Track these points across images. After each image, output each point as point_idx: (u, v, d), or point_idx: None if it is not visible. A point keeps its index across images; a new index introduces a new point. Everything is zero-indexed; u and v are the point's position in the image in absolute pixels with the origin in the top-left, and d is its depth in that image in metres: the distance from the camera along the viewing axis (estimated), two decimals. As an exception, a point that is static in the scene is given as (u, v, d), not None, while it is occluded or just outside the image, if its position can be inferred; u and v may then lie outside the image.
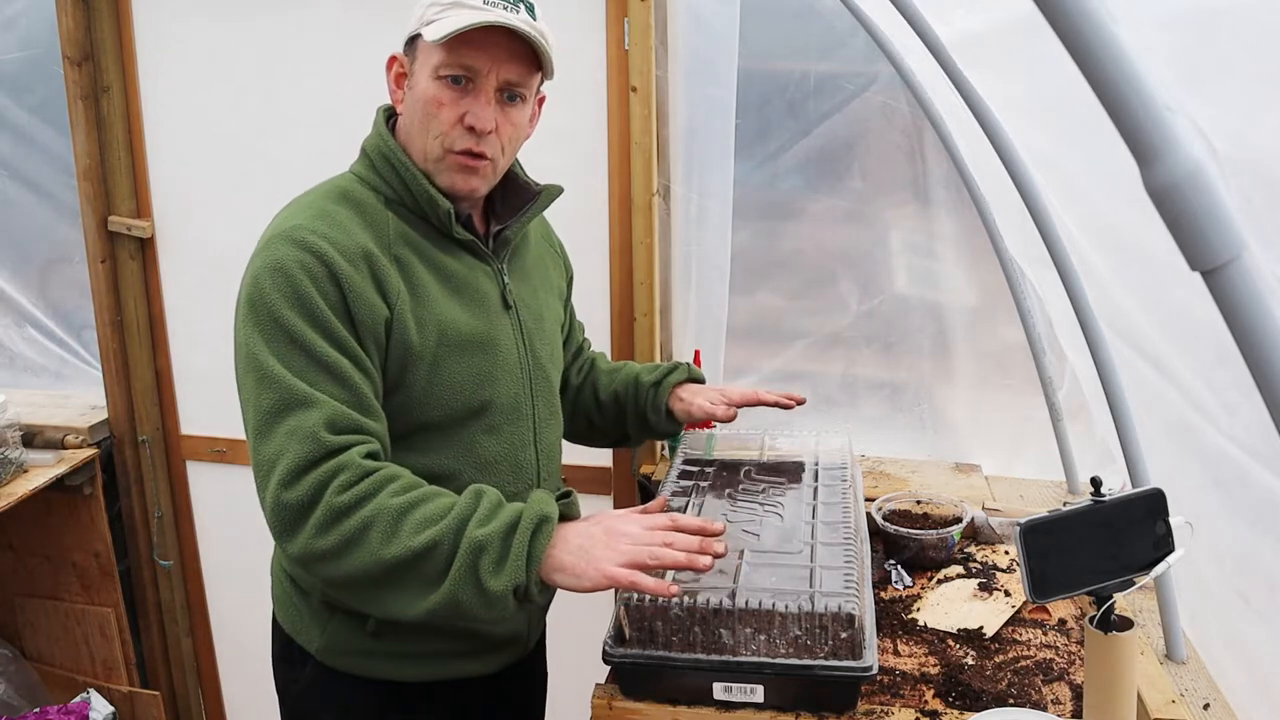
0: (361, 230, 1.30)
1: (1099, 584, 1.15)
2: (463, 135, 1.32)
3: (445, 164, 1.35)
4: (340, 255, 1.25)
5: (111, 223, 2.43)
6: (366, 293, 1.26)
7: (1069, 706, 1.38)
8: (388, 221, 1.34)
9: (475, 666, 1.48)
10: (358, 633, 1.42)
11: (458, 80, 1.31)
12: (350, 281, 1.25)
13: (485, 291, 1.41)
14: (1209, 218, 0.57)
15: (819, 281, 2.23)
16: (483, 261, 1.43)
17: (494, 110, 1.32)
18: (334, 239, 1.26)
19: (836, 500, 1.56)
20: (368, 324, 1.26)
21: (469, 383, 1.37)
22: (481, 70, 1.31)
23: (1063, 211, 1.56)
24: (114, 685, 2.57)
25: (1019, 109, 1.55)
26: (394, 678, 1.44)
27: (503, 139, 1.35)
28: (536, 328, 1.49)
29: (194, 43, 2.34)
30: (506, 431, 1.42)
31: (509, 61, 1.31)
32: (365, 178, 1.38)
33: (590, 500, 2.33)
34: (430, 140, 1.34)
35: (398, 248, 1.33)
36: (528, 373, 1.46)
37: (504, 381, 1.41)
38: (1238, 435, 1.30)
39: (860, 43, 2.02)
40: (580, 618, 1.84)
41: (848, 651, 1.25)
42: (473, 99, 1.32)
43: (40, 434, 2.42)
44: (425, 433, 1.36)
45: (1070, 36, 0.57)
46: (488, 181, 1.39)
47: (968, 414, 2.22)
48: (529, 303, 1.49)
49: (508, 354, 1.42)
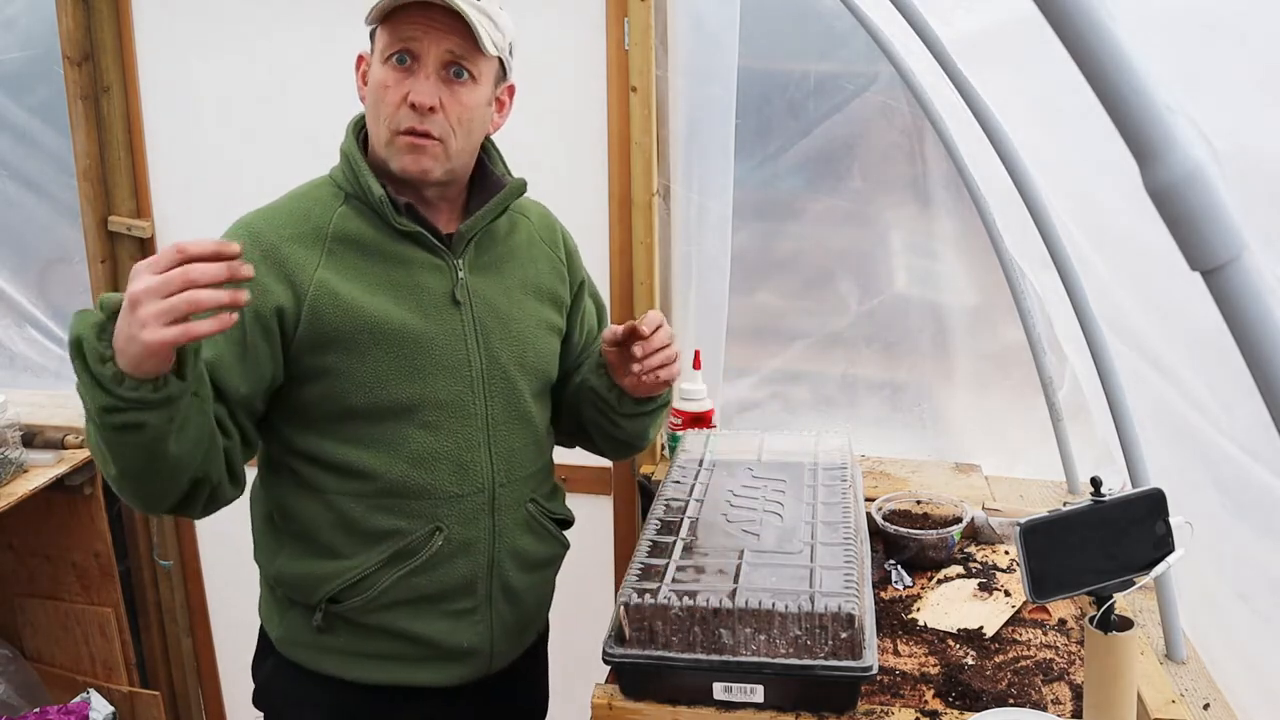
0: (295, 223, 1.37)
1: (1099, 584, 1.15)
2: (407, 114, 1.33)
3: (394, 146, 1.36)
4: (252, 243, 1.33)
5: (111, 223, 2.43)
6: (264, 279, 1.32)
7: (1069, 706, 1.38)
8: (332, 214, 1.39)
9: (429, 675, 1.46)
10: (308, 624, 1.43)
11: (401, 60, 1.33)
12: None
13: (427, 286, 1.40)
14: (1209, 218, 0.58)
15: (819, 281, 2.23)
16: (434, 255, 1.41)
17: (436, 87, 1.33)
18: (256, 229, 1.36)
19: (836, 500, 1.56)
20: (255, 306, 1.30)
21: (394, 375, 1.37)
22: (420, 48, 1.32)
23: (1063, 211, 1.56)
24: (114, 685, 2.57)
25: (1019, 109, 1.55)
26: (345, 676, 1.45)
27: (450, 118, 1.35)
28: (498, 327, 1.45)
29: (194, 43, 2.34)
30: (449, 430, 1.41)
31: (446, 36, 1.32)
32: (334, 175, 1.44)
33: (591, 500, 2.33)
34: (380, 125, 1.36)
35: (335, 239, 1.37)
36: (479, 372, 1.43)
37: (440, 377, 1.39)
38: (1238, 435, 1.30)
39: (860, 43, 2.02)
40: (580, 618, 1.84)
41: (848, 651, 1.25)
42: (414, 78, 1.33)
43: (40, 434, 2.42)
44: (353, 421, 1.38)
45: (1070, 36, 0.57)
46: (439, 163, 1.37)
47: (968, 414, 2.22)
48: (493, 302, 1.45)
49: (448, 350, 1.40)
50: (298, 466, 1.41)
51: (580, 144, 2.18)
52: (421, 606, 1.43)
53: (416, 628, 1.43)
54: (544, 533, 1.55)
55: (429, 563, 1.41)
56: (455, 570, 1.43)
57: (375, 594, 1.40)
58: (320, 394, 1.37)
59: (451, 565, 1.43)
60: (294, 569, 1.43)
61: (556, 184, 1.75)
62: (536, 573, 1.55)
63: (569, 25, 2.13)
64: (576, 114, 2.16)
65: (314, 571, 1.41)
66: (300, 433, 1.40)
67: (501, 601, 1.48)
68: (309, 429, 1.39)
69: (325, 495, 1.40)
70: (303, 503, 1.41)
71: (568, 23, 2.13)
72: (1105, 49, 0.57)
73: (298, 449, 1.40)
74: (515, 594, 1.50)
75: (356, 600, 1.41)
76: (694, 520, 1.51)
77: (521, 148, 1.57)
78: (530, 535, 1.51)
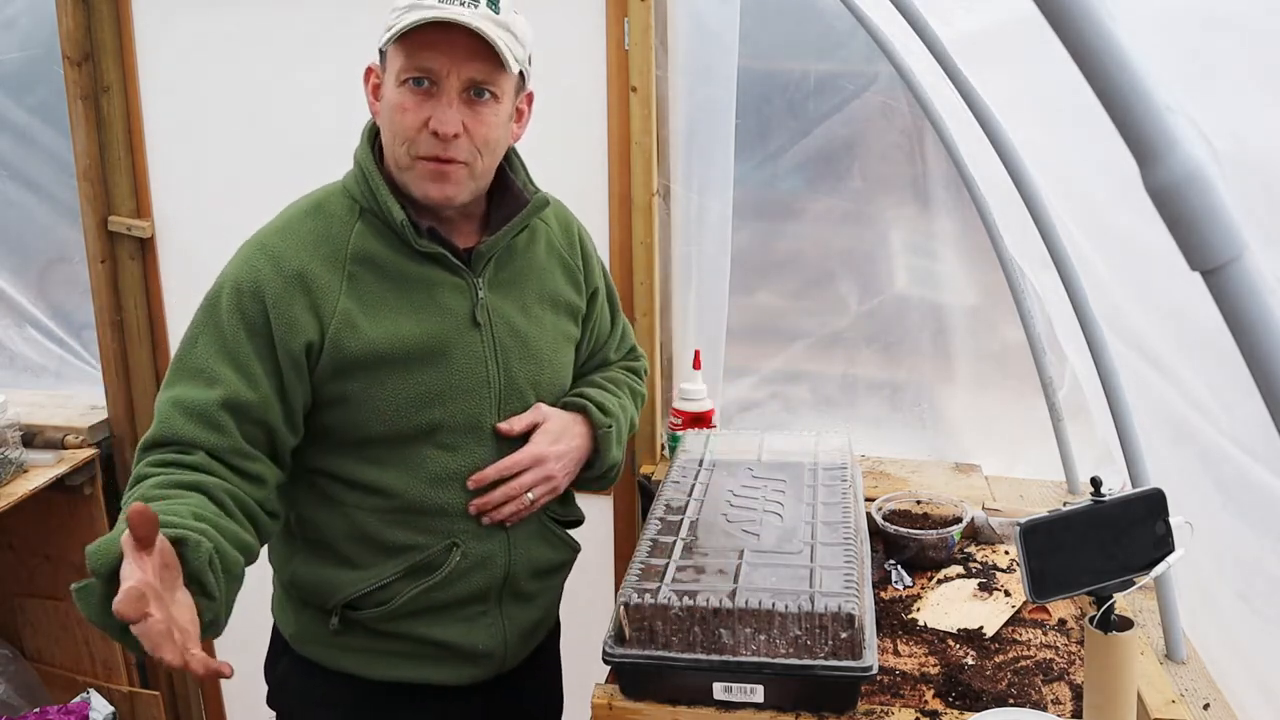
0: (315, 246, 1.34)
1: (1099, 584, 1.15)
2: (428, 141, 1.29)
3: (415, 172, 1.32)
4: (276, 273, 1.31)
5: (111, 223, 2.43)
6: (292, 311, 1.30)
7: (1069, 706, 1.38)
8: (350, 235, 1.35)
9: (444, 674, 1.46)
10: (324, 625, 1.43)
11: (420, 83, 1.28)
12: (277, 301, 1.30)
13: (449, 307, 1.38)
14: (1209, 218, 0.57)
15: (819, 281, 2.22)
16: (454, 275, 1.39)
17: (459, 112, 1.29)
18: (278, 255, 1.32)
19: (836, 500, 1.56)
20: (285, 341, 1.30)
21: (414, 399, 1.35)
22: (441, 71, 1.27)
23: (1063, 211, 1.56)
24: (114, 685, 2.57)
25: (1019, 109, 1.55)
26: (362, 674, 1.45)
27: (475, 141, 1.31)
28: (517, 346, 1.43)
29: (194, 43, 2.34)
30: (466, 450, 1.40)
31: (469, 60, 1.27)
32: (349, 186, 1.40)
33: (591, 500, 2.31)
34: (398, 148, 1.32)
35: (354, 262, 1.34)
36: (496, 393, 1.41)
37: (460, 400, 1.38)
38: (1238, 435, 1.30)
39: (860, 43, 2.02)
40: (580, 618, 1.84)
41: (848, 651, 1.25)
42: (435, 102, 1.28)
43: (40, 434, 2.42)
44: (373, 446, 1.37)
45: (1070, 36, 0.57)
46: (464, 187, 1.34)
47: (968, 414, 2.22)
48: (512, 320, 1.43)
49: (468, 372, 1.39)
50: (316, 480, 1.41)
51: (580, 144, 2.18)
52: (438, 614, 1.43)
53: (433, 633, 1.44)
54: (557, 540, 1.55)
55: (448, 579, 1.41)
56: (472, 583, 1.44)
57: (394, 607, 1.40)
58: (340, 420, 1.36)
59: (468, 579, 1.43)
60: (309, 575, 1.43)
61: (556, 184, 1.75)
62: (548, 578, 1.56)
63: (569, 25, 2.12)
64: (576, 114, 2.16)
65: (330, 579, 1.41)
66: (320, 453, 1.39)
67: (513, 606, 1.49)
68: (328, 451, 1.39)
69: (343, 508, 1.40)
70: (320, 513, 1.41)
71: (568, 23, 2.12)
72: (1105, 49, 0.57)
73: (316, 466, 1.40)
74: (527, 598, 1.51)
75: (374, 611, 1.41)
76: (694, 520, 1.51)
77: (521, 148, 1.57)
78: (544, 545, 1.52)
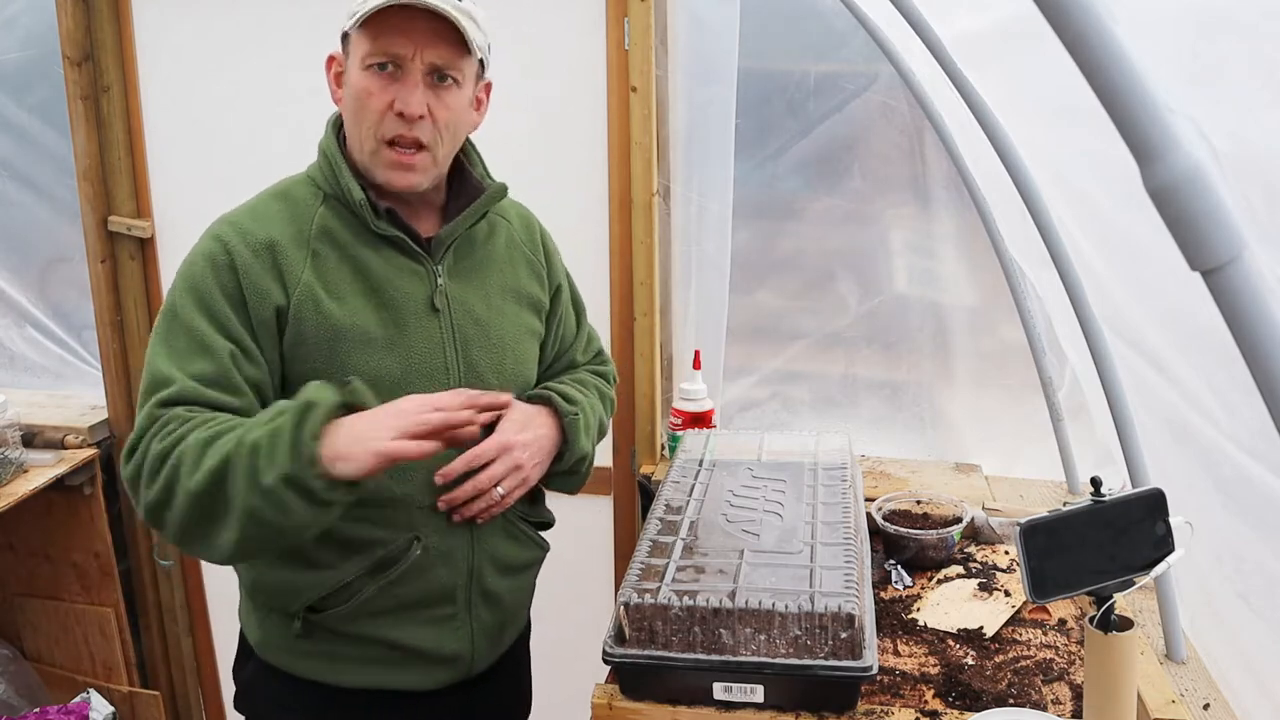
0: (281, 224, 1.35)
1: (1099, 584, 1.15)
2: (393, 122, 1.31)
3: (380, 158, 1.34)
4: (244, 244, 1.32)
5: (111, 223, 2.43)
6: (261, 280, 1.31)
7: (1069, 706, 1.38)
8: (314, 216, 1.37)
9: (411, 679, 1.45)
10: (287, 630, 1.42)
11: (384, 67, 1.30)
12: (247, 269, 1.31)
13: (407, 291, 1.38)
14: (1209, 218, 0.58)
15: (819, 281, 2.23)
16: (413, 260, 1.39)
17: (423, 94, 1.31)
18: (246, 230, 1.33)
19: (836, 500, 1.56)
20: (258, 309, 1.31)
21: (372, 383, 1.34)
22: (406, 55, 1.30)
23: (1063, 211, 1.56)
24: (114, 685, 2.57)
25: (1019, 109, 1.55)
26: (327, 680, 1.43)
27: (438, 124, 1.33)
28: (478, 335, 1.43)
29: (194, 43, 2.34)
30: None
31: (433, 43, 1.30)
32: (312, 174, 1.42)
33: (591, 500, 2.33)
34: (364, 131, 1.33)
35: (317, 241, 1.36)
36: (456, 380, 1.41)
37: (419, 386, 1.37)
38: (1238, 435, 1.30)
39: (860, 43, 2.02)
40: (579, 618, 1.84)
41: (848, 651, 1.25)
42: (400, 85, 1.30)
43: (40, 434, 2.42)
44: None
45: (1070, 36, 0.57)
46: (427, 174, 1.36)
47: (968, 414, 2.22)
48: (472, 308, 1.43)
49: (425, 358, 1.39)
50: None
51: (580, 144, 2.18)
52: (402, 615, 1.42)
53: (397, 635, 1.42)
54: (524, 538, 1.54)
55: (409, 572, 1.40)
56: (435, 579, 1.42)
57: (356, 604, 1.39)
58: None
59: (432, 574, 1.42)
60: (271, 578, 1.42)
61: (556, 184, 1.75)
62: (516, 577, 1.54)
63: (569, 25, 2.13)
64: (577, 114, 2.16)
65: (292, 581, 1.39)
66: None
67: (481, 606, 1.48)
68: None
69: None
70: None
71: (568, 23, 2.13)
72: (1105, 49, 0.57)
73: None
74: (495, 598, 1.49)
75: (337, 610, 1.39)
76: (694, 520, 1.51)
77: (522, 147, 1.57)
78: (510, 541, 1.51)
